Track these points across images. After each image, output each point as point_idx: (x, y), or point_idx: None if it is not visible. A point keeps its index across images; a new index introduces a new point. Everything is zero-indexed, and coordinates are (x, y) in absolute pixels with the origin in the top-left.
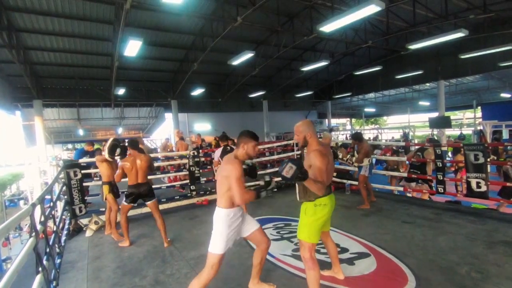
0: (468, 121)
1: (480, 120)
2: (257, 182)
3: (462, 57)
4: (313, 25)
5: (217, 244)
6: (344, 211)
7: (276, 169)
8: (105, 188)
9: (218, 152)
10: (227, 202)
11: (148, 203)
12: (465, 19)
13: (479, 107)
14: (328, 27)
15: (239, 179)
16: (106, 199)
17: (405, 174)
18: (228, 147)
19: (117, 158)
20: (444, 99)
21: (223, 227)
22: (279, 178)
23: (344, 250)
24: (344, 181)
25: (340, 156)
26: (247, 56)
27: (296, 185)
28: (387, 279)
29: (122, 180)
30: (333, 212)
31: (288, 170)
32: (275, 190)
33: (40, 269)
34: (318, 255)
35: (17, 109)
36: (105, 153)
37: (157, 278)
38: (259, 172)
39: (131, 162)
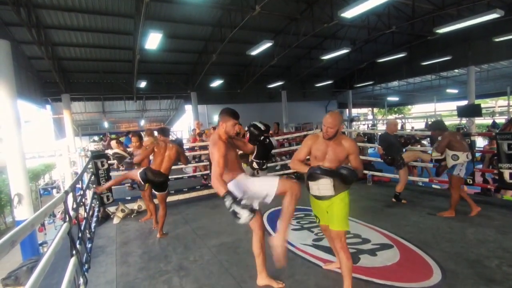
0: (500, 109)
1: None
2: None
3: (496, 40)
4: (334, 11)
5: (267, 181)
6: (366, 202)
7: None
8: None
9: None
10: (228, 178)
11: (157, 193)
12: None
13: None
14: (350, 13)
15: (219, 159)
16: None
17: (430, 165)
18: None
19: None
20: (475, 86)
21: (248, 180)
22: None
23: (365, 240)
24: (366, 172)
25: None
26: (265, 45)
27: (327, 179)
28: (410, 270)
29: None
30: (355, 203)
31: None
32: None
33: (74, 252)
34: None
35: (47, 103)
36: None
37: (181, 264)
38: (278, 163)
39: (162, 148)
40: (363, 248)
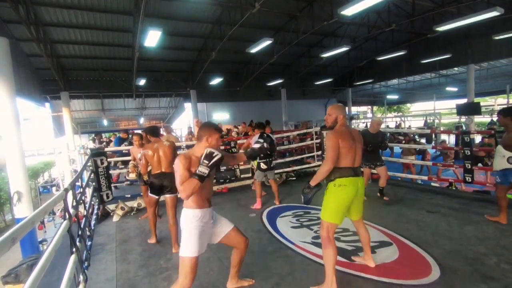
0: (500, 107)
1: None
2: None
3: (496, 38)
4: (334, 9)
5: (188, 246)
6: (365, 200)
7: (295, 158)
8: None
9: (255, 138)
10: (193, 202)
11: (166, 196)
12: None
13: None
14: (350, 10)
15: (179, 171)
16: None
17: (430, 163)
18: (265, 134)
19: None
20: (474, 84)
21: (192, 229)
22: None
23: None
24: None
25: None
26: (265, 43)
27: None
28: (409, 268)
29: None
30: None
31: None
32: (215, 158)
33: (73, 249)
34: (338, 243)
35: (46, 101)
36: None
37: None
38: (278, 161)
39: (153, 149)
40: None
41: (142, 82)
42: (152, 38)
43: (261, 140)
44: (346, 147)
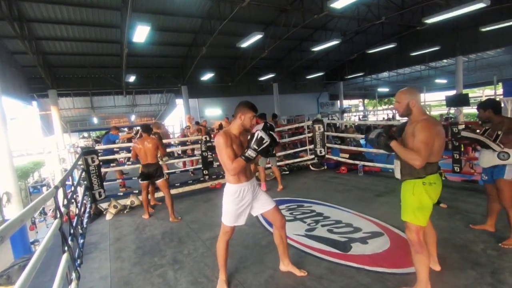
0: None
1: (501, 97)
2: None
3: (483, 30)
4: (324, 2)
5: (225, 216)
6: (357, 192)
7: (288, 152)
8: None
9: (259, 126)
10: (232, 178)
11: (158, 181)
12: None
13: (500, 83)
14: (340, 3)
15: (223, 149)
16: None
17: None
18: (268, 124)
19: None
20: (463, 75)
21: (229, 203)
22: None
23: (357, 229)
24: (357, 162)
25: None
26: (256, 38)
27: (398, 162)
28: (400, 257)
29: None
30: (345, 193)
31: (375, 134)
32: (265, 144)
33: (65, 248)
34: (331, 234)
35: (33, 100)
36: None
37: (175, 258)
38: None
39: (141, 144)
40: (354, 237)
41: (132, 78)
42: (141, 33)
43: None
44: (440, 142)
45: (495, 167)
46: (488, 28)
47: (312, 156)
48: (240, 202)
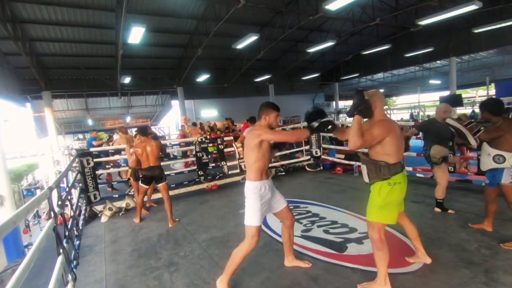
0: (480, 99)
1: (494, 97)
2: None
3: (476, 31)
4: (319, 4)
5: (252, 216)
6: (353, 192)
7: (284, 152)
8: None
9: (249, 129)
10: (255, 175)
11: (159, 185)
12: None
13: (493, 84)
14: (334, 5)
15: (272, 131)
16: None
17: (414, 154)
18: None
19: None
20: (456, 76)
21: (255, 200)
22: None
23: (352, 230)
24: (353, 162)
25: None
26: (251, 39)
27: (364, 166)
28: (395, 256)
29: None
30: (341, 194)
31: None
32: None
33: (60, 250)
34: (327, 235)
35: (27, 101)
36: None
37: (172, 260)
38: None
39: (142, 147)
40: (350, 237)
41: (127, 80)
42: (136, 34)
43: None
44: (399, 142)
45: (495, 170)
46: (480, 30)
47: (308, 157)
48: (263, 197)
